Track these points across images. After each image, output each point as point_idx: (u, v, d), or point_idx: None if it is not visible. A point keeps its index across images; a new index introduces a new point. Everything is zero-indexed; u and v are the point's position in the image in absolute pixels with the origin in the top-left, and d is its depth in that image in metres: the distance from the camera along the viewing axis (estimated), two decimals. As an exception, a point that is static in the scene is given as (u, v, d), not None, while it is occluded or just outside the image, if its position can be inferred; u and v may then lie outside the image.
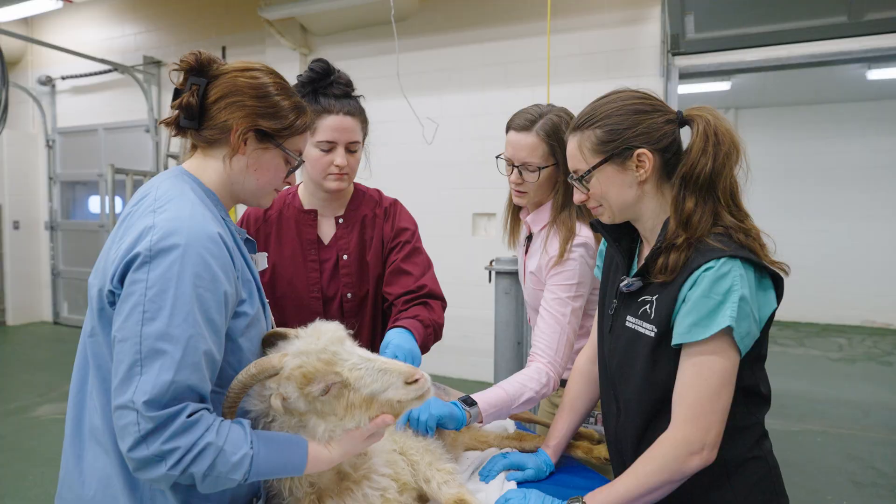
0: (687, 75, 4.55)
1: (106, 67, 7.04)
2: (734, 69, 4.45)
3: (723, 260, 1.09)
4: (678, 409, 1.12)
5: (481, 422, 1.46)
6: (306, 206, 1.71)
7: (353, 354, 1.01)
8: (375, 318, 1.73)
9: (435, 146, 5.25)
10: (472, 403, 1.44)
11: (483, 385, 5.04)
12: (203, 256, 0.96)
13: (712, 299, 1.08)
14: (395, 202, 1.79)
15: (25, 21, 7.71)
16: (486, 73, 5.26)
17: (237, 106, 1.10)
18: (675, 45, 4.36)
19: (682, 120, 1.22)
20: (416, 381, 1.00)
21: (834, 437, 4.13)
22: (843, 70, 6.16)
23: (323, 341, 1.00)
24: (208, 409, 0.96)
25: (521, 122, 1.64)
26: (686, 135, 1.23)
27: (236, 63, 1.15)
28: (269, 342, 1.12)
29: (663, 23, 4.44)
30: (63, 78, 7.60)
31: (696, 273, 1.10)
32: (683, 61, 4.48)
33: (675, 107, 4.00)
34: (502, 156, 1.71)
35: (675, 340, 1.13)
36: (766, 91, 7.62)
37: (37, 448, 3.88)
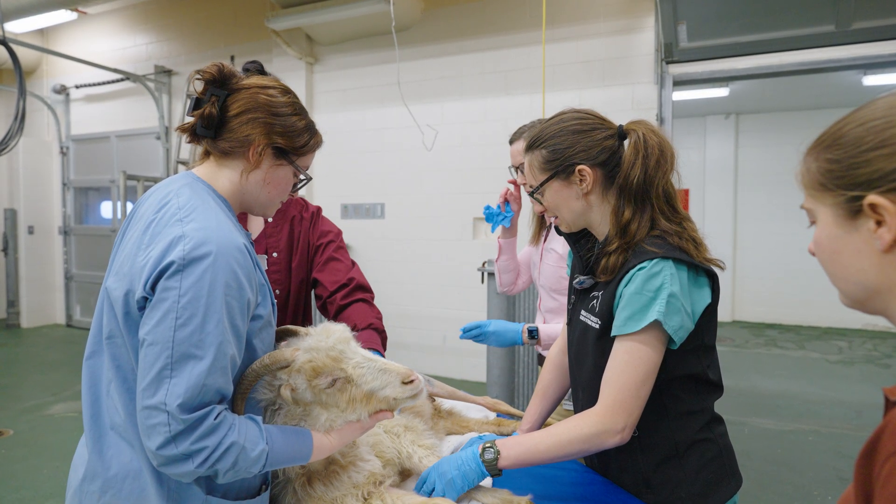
0: (680, 83, 4.66)
1: (118, 76, 7.24)
2: (726, 76, 4.56)
3: (655, 260, 1.20)
4: (607, 392, 1.22)
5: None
6: (242, 211, 1.80)
7: (357, 354, 1.12)
8: (296, 315, 1.81)
9: (435, 152, 5.38)
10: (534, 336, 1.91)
11: (481, 385, 5.13)
12: (231, 266, 1.01)
13: (644, 296, 1.19)
14: (319, 210, 1.89)
15: (41, 32, 7.93)
16: (485, 80, 5.39)
17: (258, 122, 1.14)
18: (669, 53, 4.47)
19: (623, 133, 1.33)
20: (411, 381, 1.12)
21: (825, 436, 4.20)
22: (840, 77, 6.25)
23: (332, 340, 1.11)
24: (227, 409, 1.02)
25: (517, 135, 2.12)
26: None
27: (255, 79, 1.19)
28: (280, 337, 1.21)
29: (657, 32, 4.56)
30: (77, 87, 7.80)
31: (631, 272, 1.22)
32: (677, 69, 4.60)
33: (669, 113, 4.09)
34: (511, 165, 2.15)
35: (612, 332, 1.24)
36: (765, 97, 7.70)
37: (51, 444, 4.02)
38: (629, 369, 1.20)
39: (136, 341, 1.02)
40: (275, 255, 1.75)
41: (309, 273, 1.81)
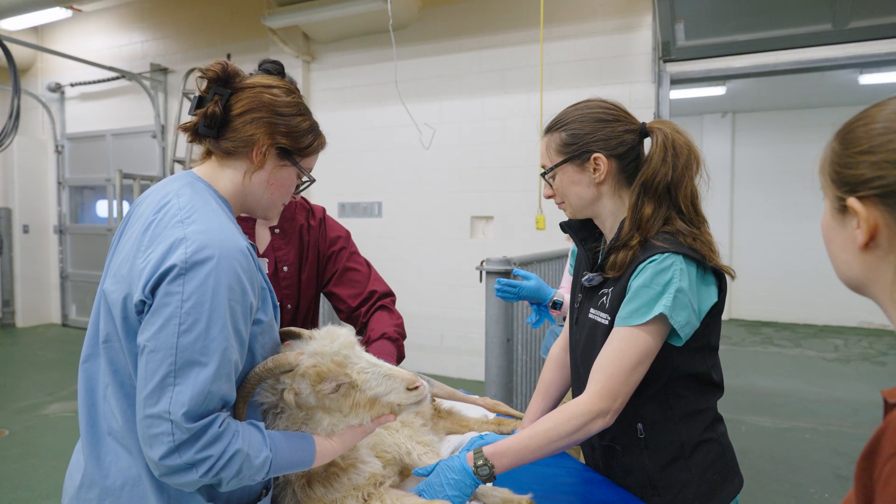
0: (678, 81, 4.66)
1: (114, 74, 7.21)
2: (724, 75, 4.57)
3: (666, 255, 1.20)
4: (597, 378, 1.21)
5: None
6: (242, 213, 1.74)
7: (361, 359, 1.11)
8: (305, 326, 1.70)
9: (433, 151, 5.38)
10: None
11: (479, 384, 5.14)
12: (235, 269, 0.98)
13: (653, 289, 1.19)
14: (324, 212, 1.80)
15: (35, 30, 7.89)
16: (483, 79, 5.38)
17: (262, 122, 1.12)
18: (666, 51, 4.48)
19: (644, 131, 1.33)
20: (416, 387, 1.11)
21: (822, 433, 4.22)
22: (836, 75, 6.26)
23: (336, 345, 1.10)
24: (230, 415, 1.00)
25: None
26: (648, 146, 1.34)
27: (259, 78, 1.17)
28: (282, 339, 1.19)
29: (654, 30, 4.56)
30: (72, 85, 7.76)
31: (642, 265, 1.21)
32: (674, 67, 4.60)
33: (666, 112, 4.08)
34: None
35: (616, 324, 1.23)
36: (762, 95, 7.72)
37: (47, 444, 4.01)
38: (622, 356, 1.20)
39: (134, 346, 0.99)
40: (285, 269, 1.67)
41: (320, 284, 1.74)
